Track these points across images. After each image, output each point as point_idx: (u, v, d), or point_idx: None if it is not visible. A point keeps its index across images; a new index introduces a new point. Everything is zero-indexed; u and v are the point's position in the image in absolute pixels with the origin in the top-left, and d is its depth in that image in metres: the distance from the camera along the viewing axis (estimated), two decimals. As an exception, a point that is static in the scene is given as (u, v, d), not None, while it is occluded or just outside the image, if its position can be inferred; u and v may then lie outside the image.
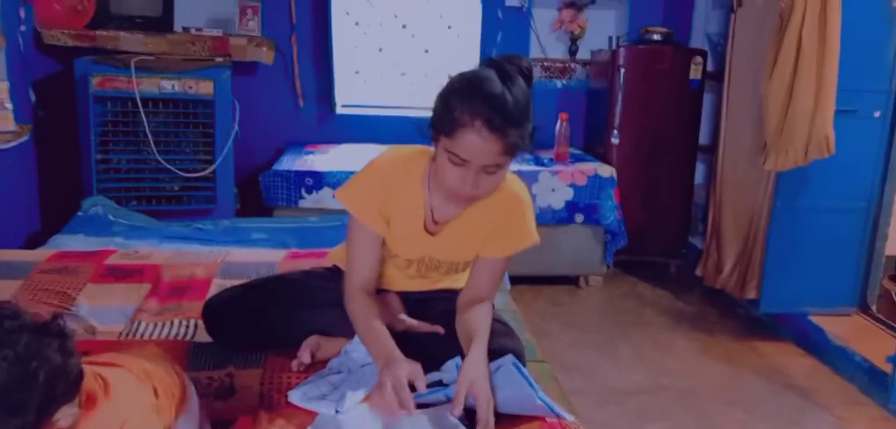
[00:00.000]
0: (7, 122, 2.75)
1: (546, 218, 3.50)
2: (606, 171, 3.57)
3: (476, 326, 1.43)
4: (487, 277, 1.55)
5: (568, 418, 1.36)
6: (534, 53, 4.21)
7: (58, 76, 3.26)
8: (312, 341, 1.57)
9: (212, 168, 3.22)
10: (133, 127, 3.11)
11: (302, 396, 1.41)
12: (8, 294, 1.90)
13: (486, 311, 1.50)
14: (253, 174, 3.56)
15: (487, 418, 1.28)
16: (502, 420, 1.33)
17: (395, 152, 1.53)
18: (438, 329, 1.53)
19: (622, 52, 3.75)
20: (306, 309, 1.62)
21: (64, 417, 0.94)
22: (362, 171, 1.52)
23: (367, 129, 4.06)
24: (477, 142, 1.29)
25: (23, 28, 2.96)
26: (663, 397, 2.65)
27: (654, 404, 2.60)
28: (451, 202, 1.46)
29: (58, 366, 0.92)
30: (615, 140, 3.80)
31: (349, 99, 4.14)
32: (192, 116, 3.18)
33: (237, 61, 3.35)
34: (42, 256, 2.20)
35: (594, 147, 4.05)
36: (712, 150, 3.71)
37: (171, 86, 3.11)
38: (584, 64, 4.25)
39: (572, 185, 3.52)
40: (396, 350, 1.37)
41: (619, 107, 3.77)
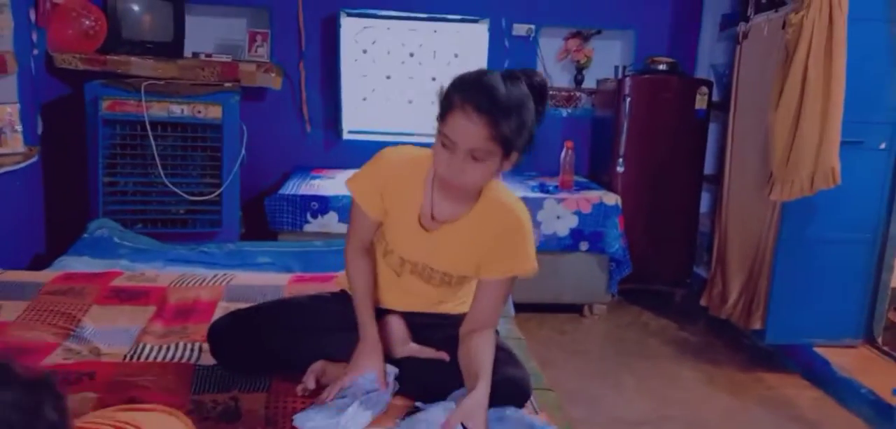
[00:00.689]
0: (16, 144, 2.78)
1: (551, 245, 3.50)
2: (611, 199, 3.57)
3: (480, 359, 1.43)
4: (489, 301, 1.54)
5: None
6: (539, 82, 4.23)
7: (68, 99, 3.29)
8: (317, 367, 1.56)
9: (218, 192, 3.23)
10: (141, 150, 3.14)
11: (307, 420, 1.40)
12: (14, 315, 1.91)
13: (489, 341, 1.49)
14: (259, 198, 3.57)
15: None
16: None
17: (405, 148, 1.60)
18: (444, 355, 1.52)
19: (628, 81, 3.77)
20: (312, 333, 1.62)
21: None
22: (370, 161, 1.60)
23: (373, 154, 4.07)
24: (465, 124, 1.33)
25: (35, 52, 2.99)
26: (669, 429, 2.63)
27: (660, 435, 2.58)
28: (442, 194, 1.49)
29: (54, 423, 0.89)
30: (620, 169, 3.81)
31: (356, 125, 4.17)
32: (200, 139, 3.20)
33: (246, 87, 3.38)
34: (48, 278, 2.21)
35: (599, 175, 4.06)
36: (717, 179, 3.71)
37: (180, 110, 3.14)
38: (590, 93, 4.27)
39: (577, 212, 3.52)
40: (374, 336, 1.52)
41: (624, 136, 3.78)
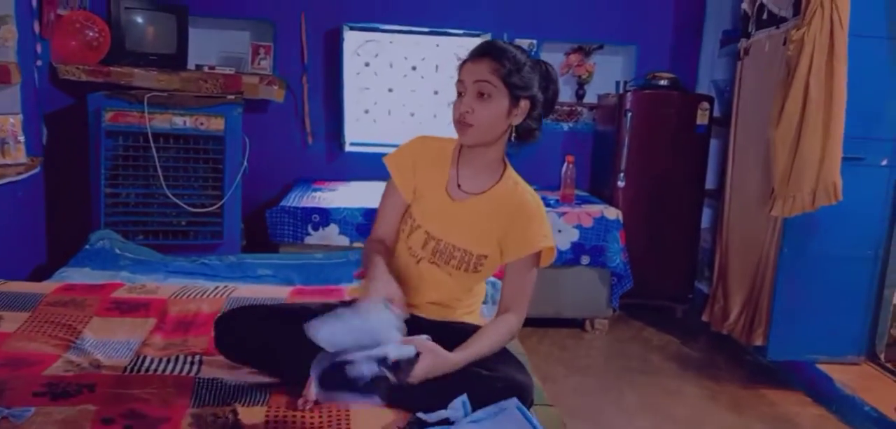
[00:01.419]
0: (19, 154, 2.78)
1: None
2: (612, 213, 3.57)
3: (478, 335, 1.56)
4: (513, 284, 1.65)
5: None
6: (541, 96, 4.25)
7: (71, 110, 3.29)
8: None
9: (219, 204, 3.23)
10: (143, 161, 3.14)
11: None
12: (15, 326, 1.90)
13: (499, 326, 1.60)
14: (260, 210, 3.57)
15: (418, 372, 1.39)
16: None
17: (434, 136, 1.79)
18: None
19: (629, 96, 3.78)
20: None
21: None
22: (407, 142, 1.77)
23: (375, 167, 4.05)
24: (470, 65, 1.59)
25: (39, 63, 3.00)
26: (670, 445, 2.62)
27: (661, 452, 2.56)
28: (468, 165, 1.67)
29: None
30: (621, 183, 3.81)
31: (358, 137, 4.17)
32: (202, 151, 3.21)
33: (248, 99, 3.39)
34: (49, 289, 2.20)
35: (600, 190, 4.06)
36: (719, 194, 3.71)
37: (182, 122, 3.15)
38: (591, 107, 4.28)
39: (578, 226, 3.52)
40: (385, 271, 1.57)
41: (625, 150, 3.79)
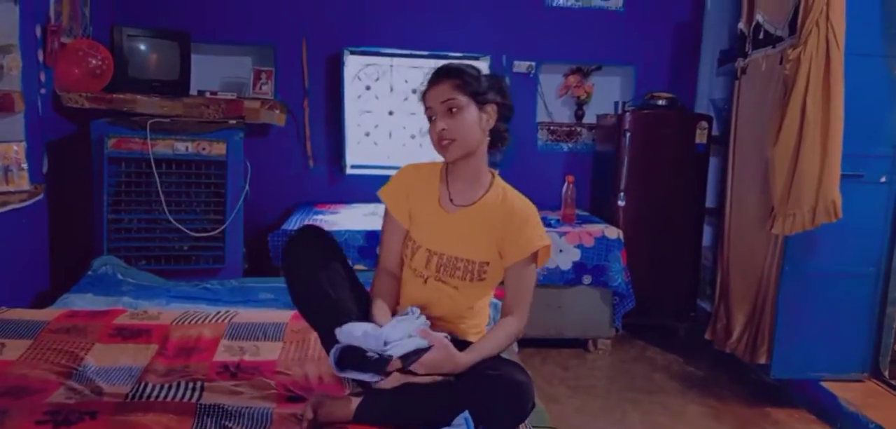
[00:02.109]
0: (22, 181, 2.80)
1: (554, 279, 3.50)
2: (613, 232, 3.57)
3: (485, 337, 1.72)
4: (513, 288, 1.77)
5: None
6: (540, 117, 4.28)
7: (74, 137, 3.32)
8: (314, 400, 1.59)
9: (221, 228, 3.25)
10: (146, 187, 3.16)
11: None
12: (17, 353, 1.91)
13: (504, 326, 1.73)
14: (262, 233, 3.58)
15: (425, 360, 1.53)
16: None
17: (424, 161, 1.92)
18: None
19: (628, 116, 3.81)
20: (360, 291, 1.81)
21: None
22: (396, 172, 1.92)
23: (376, 189, 4.10)
24: (432, 92, 1.74)
25: (43, 91, 3.03)
26: (674, 465, 2.60)
27: (665, 472, 2.55)
28: (456, 179, 1.80)
29: None
30: (621, 202, 3.82)
31: (359, 160, 4.20)
32: (204, 176, 3.22)
33: (250, 123, 3.41)
34: (51, 316, 2.21)
35: (600, 209, 4.07)
36: (719, 213, 3.72)
37: (185, 147, 3.17)
38: (590, 128, 4.30)
39: (580, 246, 3.52)
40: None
41: (625, 170, 3.80)
